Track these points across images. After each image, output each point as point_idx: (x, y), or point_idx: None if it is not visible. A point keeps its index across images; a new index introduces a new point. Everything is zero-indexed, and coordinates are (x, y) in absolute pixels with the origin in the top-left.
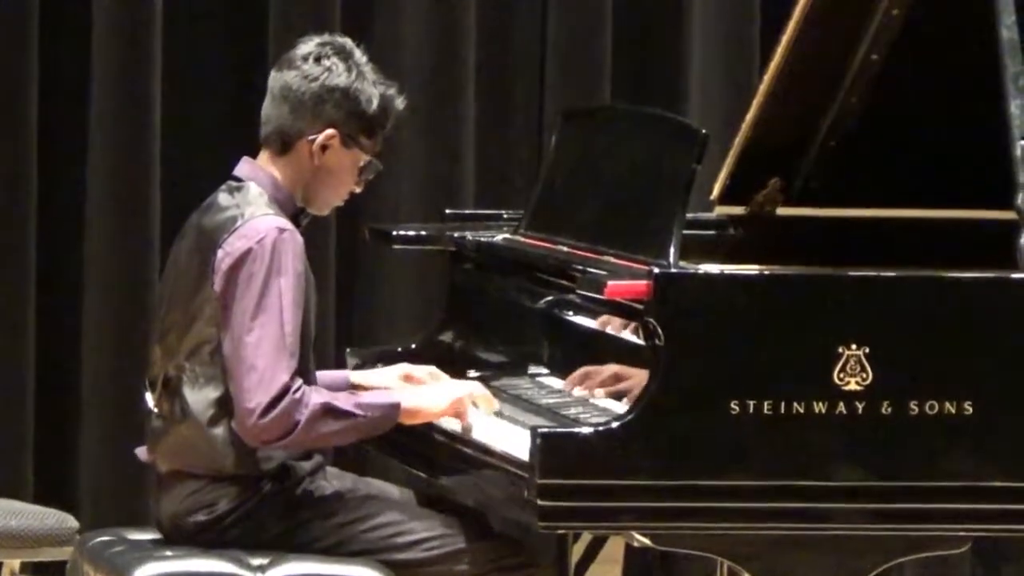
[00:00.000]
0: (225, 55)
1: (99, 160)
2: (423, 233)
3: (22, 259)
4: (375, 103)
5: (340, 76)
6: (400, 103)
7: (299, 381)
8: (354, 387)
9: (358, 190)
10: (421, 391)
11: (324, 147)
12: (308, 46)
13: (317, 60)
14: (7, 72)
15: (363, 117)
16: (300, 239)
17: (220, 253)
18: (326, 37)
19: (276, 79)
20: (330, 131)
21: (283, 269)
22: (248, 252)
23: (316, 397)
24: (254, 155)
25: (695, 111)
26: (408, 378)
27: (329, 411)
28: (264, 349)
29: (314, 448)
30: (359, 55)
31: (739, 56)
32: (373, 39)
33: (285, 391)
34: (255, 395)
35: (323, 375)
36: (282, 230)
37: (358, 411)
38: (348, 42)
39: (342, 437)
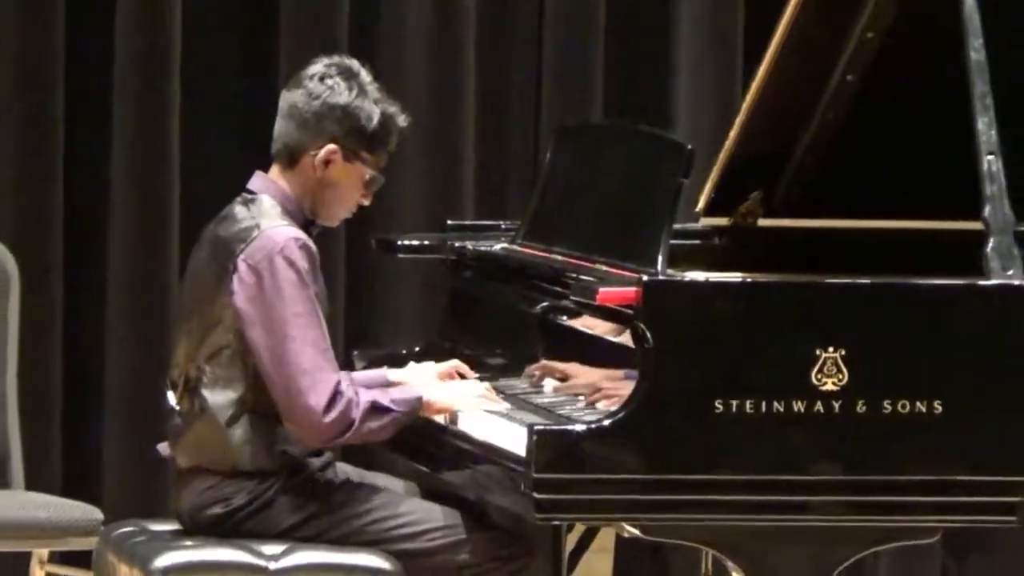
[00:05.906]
0: (239, 76)
1: (122, 171)
2: (426, 243)
3: (49, 266)
4: (375, 120)
5: (341, 95)
6: (402, 120)
7: (345, 379)
8: (389, 385)
9: (366, 203)
10: (438, 387)
11: (327, 161)
12: (316, 67)
13: (321, 80)
14: (36, 90)
15: (363, 133)
16: (315, 248)
17: (239, 263)
18: (334, 58)
19: (285, 98)
20: (331, 146)
21: (304, 277)
22: (269, 262)
23: (364, 395)
24: (265, 168)
25: (682, 128)
26: (446, 375)
27: (375, 408)
28: (308, 351)
29: (359, 444)
30: (364, 75)
31: (724, 76)
32: (377, 57)
33: (338, 389)
34: (310, 395)
35: (360, 375)
36: (298, 239)
37: (394, 407)
38: (355, 64)
39: (382, 433)
